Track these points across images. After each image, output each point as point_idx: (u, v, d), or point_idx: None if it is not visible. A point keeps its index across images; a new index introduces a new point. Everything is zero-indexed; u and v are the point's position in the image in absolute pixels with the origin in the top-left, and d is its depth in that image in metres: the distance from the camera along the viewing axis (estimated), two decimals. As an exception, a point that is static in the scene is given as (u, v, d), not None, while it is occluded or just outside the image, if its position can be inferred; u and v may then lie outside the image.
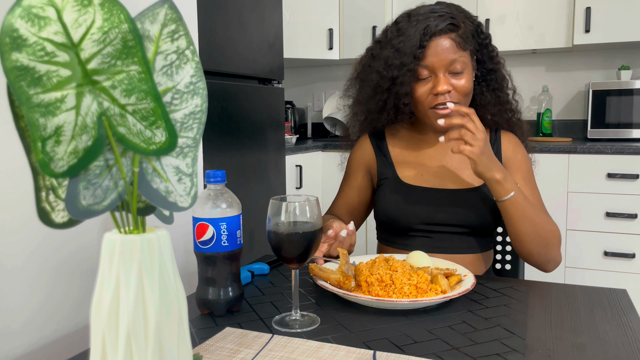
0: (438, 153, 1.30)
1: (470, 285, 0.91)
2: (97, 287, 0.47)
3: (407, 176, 1.28)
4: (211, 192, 0.86)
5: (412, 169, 1.30)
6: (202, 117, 0.50)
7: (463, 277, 0.98)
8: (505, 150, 1.29)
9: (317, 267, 0.97)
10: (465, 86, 1.19)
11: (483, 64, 1.28)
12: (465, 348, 0.75)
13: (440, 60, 1.17)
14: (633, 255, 2.56)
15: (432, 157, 1.30)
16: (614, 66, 3.10)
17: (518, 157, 1.29)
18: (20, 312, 0.80)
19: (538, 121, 3.18)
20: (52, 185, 0.47)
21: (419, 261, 1.02)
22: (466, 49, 1.19)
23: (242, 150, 2.17)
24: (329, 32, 3.31)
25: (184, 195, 0.50)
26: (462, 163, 1.28)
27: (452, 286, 0.94)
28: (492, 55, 1.28)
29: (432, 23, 1.17)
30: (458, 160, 1.28)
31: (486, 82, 1.29)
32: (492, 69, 1.28)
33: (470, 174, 1.26)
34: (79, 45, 0.43)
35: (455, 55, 1.17)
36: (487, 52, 1.27)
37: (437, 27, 1.17)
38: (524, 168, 1.29)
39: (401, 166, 1.31)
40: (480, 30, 1.25)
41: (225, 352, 0.74)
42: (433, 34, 1.17)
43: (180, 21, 0.48)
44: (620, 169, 2.55)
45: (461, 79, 1.19)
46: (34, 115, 0.43)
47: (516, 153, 1.30)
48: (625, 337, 0.78)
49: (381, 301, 0.87)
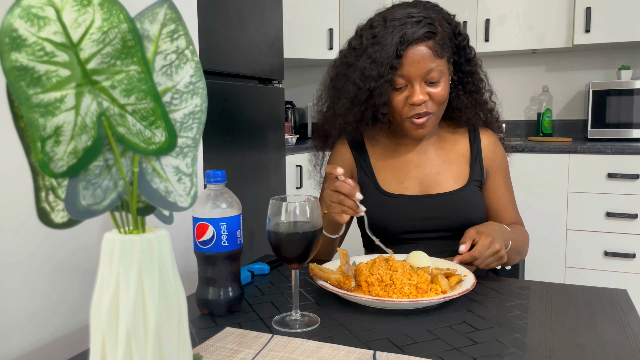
0: (417, 158, 1.28)
1: (471, 285, 0.91)
2: (97, 287, 0.47)
3: (388, 185, 1.26)
4: (211, 192, 0.86)
5: (393, 177, 1.27)
6: (201, 117, 0.50)
7: (463, 277, 0.98)
8: (485, 150, 1.29)
9: (317, 267, 0.97)
10: (441, 95, 1.17)
11: (460, 66, 1.25)
12: (465, 348, 0.75)
13: (417, 70, 1.14)
14: (633, 255, 2.56)
15: (411, 162, 1.28)
16: (614, 66, 3.10)
17: (498, 158, 1.31)
18: (20, 311, 0.80)
19: (538, 121, 3.18)
20: (51, 186, 0.47)
21: (419, 261, 1.02)
22: (443, 56, 1.16)
23: (242, 150, 2.17)
24: (329, 32, 3.31)
25: (184, 195, 0.50)
26: (442, 166, 1.27)
27: (453, 286, 0.94)
28: (469, 57, 1.25)
29: (409, 30, 1.13)
30: (438, 165, 1.27)
31: (463, 86, 1.27)
32: (469, 71, 1.26)
33: (450, 176, 1.26)
34: (79, 45, 0.43)
35: (432, 64, 1.14)
36: (464, 54, 1.25)
37: (414, 35, 1.13)
38: (504, 168, 1.32)
39: (381, 174, 1.28)
40: (457, 32, 1.23)
41: (225, 352, 0.74)
42: (410, 42, 1.13)
43: (180, 21, 0.48)
44: (621, 169, 2.55)
45: (437, 87, 1.16)
46: (33, 115, 0.43)
47: (496, 153, 1.30)
48: (625, 337, 0.78)
49: (381, 301, 0.87)
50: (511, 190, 1.33)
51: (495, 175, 1.29)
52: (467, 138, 1.30)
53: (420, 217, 1.22)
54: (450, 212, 1.21)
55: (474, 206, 1.23)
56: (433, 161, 1.27)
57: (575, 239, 2.67)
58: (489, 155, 1.29)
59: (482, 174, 1.27)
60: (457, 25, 1.23)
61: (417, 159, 1.28)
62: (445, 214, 1.21)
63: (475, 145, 1.29)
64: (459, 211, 1.21)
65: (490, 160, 1.29)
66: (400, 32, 1.13)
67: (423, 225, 1.22)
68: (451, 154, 1.29)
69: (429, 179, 1.26)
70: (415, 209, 1.22)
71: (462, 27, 1.25)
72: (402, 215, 1.22)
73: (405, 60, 1.14)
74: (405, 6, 1.24)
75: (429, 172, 1.26)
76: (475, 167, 1.27)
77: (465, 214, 1.21)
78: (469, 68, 1.26)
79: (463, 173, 1.26)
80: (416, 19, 1.14)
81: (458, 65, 1.25)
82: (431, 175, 1.26)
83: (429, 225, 1.22)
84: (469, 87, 1.27)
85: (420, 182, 1.26)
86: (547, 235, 2.70)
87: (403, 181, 1.26)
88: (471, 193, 1.24)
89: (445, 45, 1.17)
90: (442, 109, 1.21)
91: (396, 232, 1.23)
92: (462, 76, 1.26)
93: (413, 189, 1.25)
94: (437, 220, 1.22)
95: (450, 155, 1.28)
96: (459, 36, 1.23)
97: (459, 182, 1.25)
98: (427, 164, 1.27)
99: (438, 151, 1.29)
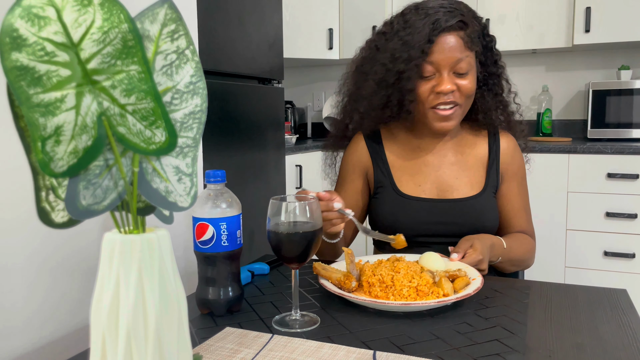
0: (436, 160, 1.27)
1: (473, 291, 0.89)
2: (97, 287, 0.47)
3: (404, 186, 1.25)
4: (211, 192, 0.86)
5: (410, 178, 1.26)
6: (202, 117, 0.50)
7: (471, 280, 0.95)
8: (503, 155, 1.28)
9: (321, 266, 0.97)
10: (469, 87, 1.17)
11: (486, 67, 1.25)
12: (466, 348, 0.75)
13: (447, 58, 1.14)
14: (633, 255, 2.56)
15: (429, 165, 1.27)
16: (614, 66, 3.10)
17: (515, 163, 1.30)
18: (19, 311, 0.80)
19: (538, 121, 3.18)
20: (52, 185, 0.47)
21: (431, 262, 0.99)
22: (473, 49, 1.16)
23: (242, 150, 2.17)
24: (329, 32, 3.31)
25: (184, 195, 0.50)
26: (460, 171, 1.26)
27: (459, 290, 0.92)
28: (495, 59, 1.25)
29: (442, 18, 1.13)
30: (456, 169, 1.26)
31: (487, 87, 1.26)
32: (494, 73, 1.25)
33: (467, 182, 1.25)
34: (79, 45, 0.43)
35: (462, 54, 1.14)
36: (491, 55, 1.24)
37: (447, 23, 1.13)
38: (520, 175, 1.31)
39: (398, 174, 1.27)
40: (486, 32, 1.23)
41: (225, 352, 0.74)
42: (442, 29, 1.13)
43: (180, 21, 0.48)
44: (620, 169, 2.55)
45: (465, 80, 1.16)
46: (33, 115, 0.43)
47: (514, 158, 1.29)
48: (625, 337, 0.78)
49: (373, 302, 0.87)
50: (525, 197, 1.31)
51: (510, 180, 1.28)
52: (487, 142, 1.29)
53: (435, 222, 1.21)
54: (464, 219, 1.21)
55: (488, 214, 1.22)
56: (452, 165, 1.26)
57: (575, 239, 2.67)
58: (507, 160, 1.28)
59: (497, 180, 1.27)
60: (485, 26, 1.23)
61: (436, 161, 1.27)
62: (459, 221, 1.21)
63: (494, 149, 1.28)
64: (473, 218, 1.21)
65: (507, 164, 1.28)
66: (434, 18, 1.13)
67: (436, 230, 1.22)
68: (470, 158, 1.27)
69: (446, 184, 1.24)
70: (430, 212, 1.22)
71: (489, 29, 1.25)
72: (417, 218, 1.22)
73: (436, 47, 1.13)
74: None
75: (447, 176, 1.25)
76: (491, 173, 1.26)
77: (479, 222, 1.21)
78: (495, 70, 1.25)
79: (480, 179, 1.26)
80: (448, 9, 1.15)
81: (484, 65, 1.24)
82: (449, 180, 1.25)
83: (441, 230, 1.22)
84: (494, 89, 1.26)
85: (438, 186, 1.25)
86: (547, 235, 2.70)
87: (421, 184, 1.25)
88: (486, 201, 1.23)
89: (474, 39, 1.16)
90: (468, 102, 1.20)
91: (410, 235, 1.21)
92: (487, 77, 1.25)
93: (430, 193, 1.24)
94: (450, 225, 1.21)
95: (469, 159, 1.27)
96: (487, 37, 1.23)
97: (475, 188, 1.24)
98: (446, 168, 1.26)
99: (457, 155, 1.28)
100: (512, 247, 1.19)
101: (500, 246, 1.15)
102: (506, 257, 1.17)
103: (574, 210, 2.66)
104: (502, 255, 1.16)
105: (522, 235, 1.26)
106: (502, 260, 1.17)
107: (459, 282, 0.93)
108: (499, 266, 1.20)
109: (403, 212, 1.22)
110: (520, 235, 1.26)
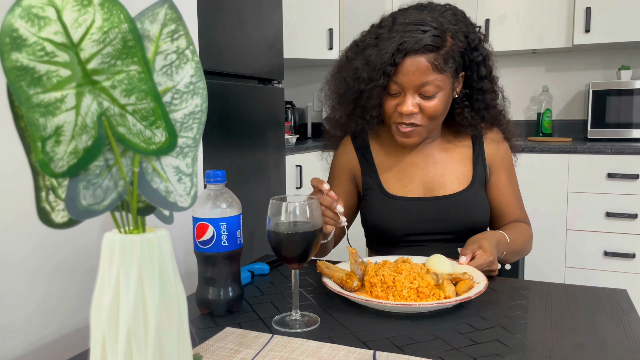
0: (421, 160, 1.27)
1: (473, 295, 0.88)
2: (97, 287, 0.47)
3: (391, 187, 1.25)
4: (211, 192, 0.86)
5: (397, 179, 1.26)
6: (202, 117, 0.50)
7: (475, 283, 0.94)
8: (487, 147, 1.28)
9: (324, 265, 0.98)
10: (434, 110, 1.13)
11: (471, 82, 1.21)
12: (466, 348, 0.75)
13: (410, 81, 1.10)
14: (633, 255, 2.56)
15: (415, 165, 1.27)
16: (614, 66, 3.10)
17: (500, 153, 1.29)
18: (19, 311, 0.80)
19: (538, 121, 3.18)
20: (52, 185, 0.47)
21: (438, 265, 0.99)
22: (444, 71, 1.11)
23: (242, 150, 2.17)
24: (329, 32, 3.31)
25: (184, 195, 0.50)
26: (446, 168, 1.26)
27: (461, 292, 0.91)
28: (482, 75, 1.20)
29: (410, 39, 1.08)
30: (442, 167, 1.26)
31: (471, 102, 1.23)
32: (480, 88, 1.21)
33: (454, 178, 1.25)
34: (79, 45, 0.43)
35: (428, 77, 1.10)
36: (477, 71, 1.19)
37: (413, 46, 1.08)
38: (506, 163, 1.30)
39: (385, 175, 1.27)
40: (474, 46, 1.17)
41: (225, 352, 0.74)
42: (408, 51, 1.08)
43: (180, 21, 0.48)
44: (620, 169, 2.55)
45: (431, 102, 1.13)
46: (34, 115, 0.43)
47: (498, 149, 1.29)
48: (625, 337, 0.78)
49: (372, 301, 0.87)
50: (515, 185, 1.31)
51: (498, 171, 1.28)
52: (470, 136, 1.29)
53: (424, 220, 1.22)
54: (454, 214, 1.21)
55: (477, 207, 1.22)
56: (437, 164, 1.26)
57: (575, 239, 2.67)
58: (491, 151, 1.28)
59: (485, 172, 1.27)
60: (475, 40, 1.18)
61: (421, 161, 1.27)
62: (449, 217, 1.21)
63: (477, 142, 1.28)
64: (463, 213, 1.21)
65: (492, 155, 1.28)
66: (401, 39, 1.09)
67: (427, 228, 1.22)
68: (455, 154, 1.28)
69: (433, 182, 1.25)
70: (419, 211, 1.22)
71: (482, 42, 1.20)
72: (406, 217, 1.22)
73: (400, 68, 1.10)
74: (422, 9, 1.19)
75: (433, 174, 1.25)
76: (478, 166, 1.26)
77: (468, 216, 1.21)
78: (481, 85, 1.21)
79: (467, 174, 1.26)
80: (424, 28, 1.09)
81: (469, 80, 1.21)
82: (435, 178, 1.25)
83: (432, 227, 1.22)
84: (477, 105, 1.23)
85: (424, 185, 1.25)
86: (547, 235, 2.70)
87: (407, 184, 1.26)
88: (475, 194, 1.23)
89: (450, 59, 1.12)
90: (434, 123, 1.18)
91: (400, 235, 1.22)
92: (470, 92, 1.22)
93: (417, 192, 1.25)
94: (441, 222, 1.21)
95: (454, 155, 1.28)
96: (474, 51, 1.18)
97: (462, 183, 1.24)
98: (431, 167, 1.26)
99: (442, 153, 1.28)
100: (514, 239, 1.19)
101: (504, 241, 1.15)
102: (510, 250, 1.17)
103: (574, 210, 2.66)
104: (506, 249, 1.16)
105: (520, 225, 1.26)
106: (506, 253, 1.17)
107: (462, 285, 0.92)
108: (502, 259, 1.20)
109: (391, 213, 1.23)
110: (518, 225, 1.25)
